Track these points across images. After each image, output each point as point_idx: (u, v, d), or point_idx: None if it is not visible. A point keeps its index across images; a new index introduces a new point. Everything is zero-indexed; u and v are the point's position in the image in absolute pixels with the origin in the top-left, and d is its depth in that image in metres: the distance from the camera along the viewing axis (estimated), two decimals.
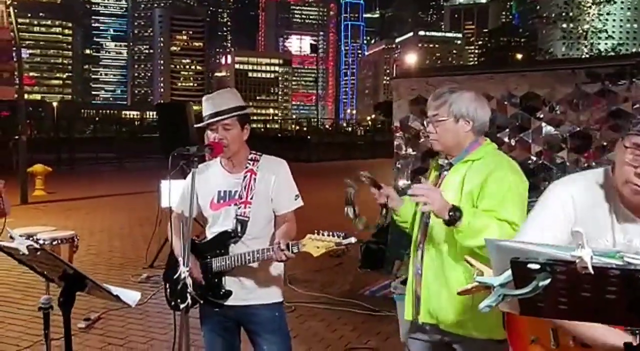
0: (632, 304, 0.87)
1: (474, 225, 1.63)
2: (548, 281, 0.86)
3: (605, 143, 4.02)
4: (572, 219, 1.37)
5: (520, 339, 1.47)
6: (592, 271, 0.83)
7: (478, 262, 1.43)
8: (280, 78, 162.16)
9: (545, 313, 0.97)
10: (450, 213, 1.64)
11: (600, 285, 0.85)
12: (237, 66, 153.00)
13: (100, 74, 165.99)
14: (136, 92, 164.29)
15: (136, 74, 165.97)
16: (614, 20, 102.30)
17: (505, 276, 0.93)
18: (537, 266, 0.86)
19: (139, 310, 4.27)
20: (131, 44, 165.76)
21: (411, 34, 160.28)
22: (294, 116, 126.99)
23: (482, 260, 1.48)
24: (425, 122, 1.90)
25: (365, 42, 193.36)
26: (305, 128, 33.39)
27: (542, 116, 4.28)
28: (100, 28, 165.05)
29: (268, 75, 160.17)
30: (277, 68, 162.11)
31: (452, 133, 1.80)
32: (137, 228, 8.01)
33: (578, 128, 4.15)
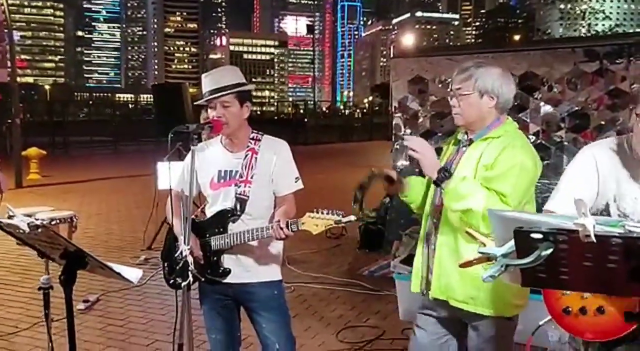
0: (632, 273, 0.88)
1: (460, 189, 1.68)
2: (550, 251, 0.87)
3: (603, 123, 4.03)
4: (597, 177, 1.49)
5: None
6: (595, 240, 0.83)
7: (479, 234, 1.44)
8: (276, 60, 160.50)
9: (546, 283, 0.98)
10: (440, 174, 1.71)
11: (602, 254, 0.86)
12: (232, 48, 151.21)
13: (93, 57, 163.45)
14: (130, 74, 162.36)
15: (130, 56, 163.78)
16: (611, 0, 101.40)
17: (507, 246, 0.94)
18: (540, 236, 0.87)
19: (138, 291, 4.30)
20: (124, 25, 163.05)
21: (408, 14, 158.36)
22: (290, 98, 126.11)
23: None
24: (448, 96, 1.89)
25: (362, 23, 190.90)
26: (302, 111, 33.13)
27: (540, 95, 4.27)
28: (93, 9, 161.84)
29: (263, 57, 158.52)
30: (272, 49, 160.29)
31: (475, 108, 1.80)
32: (134, 210, 8.01)
33: (576, 108, 4.14)
